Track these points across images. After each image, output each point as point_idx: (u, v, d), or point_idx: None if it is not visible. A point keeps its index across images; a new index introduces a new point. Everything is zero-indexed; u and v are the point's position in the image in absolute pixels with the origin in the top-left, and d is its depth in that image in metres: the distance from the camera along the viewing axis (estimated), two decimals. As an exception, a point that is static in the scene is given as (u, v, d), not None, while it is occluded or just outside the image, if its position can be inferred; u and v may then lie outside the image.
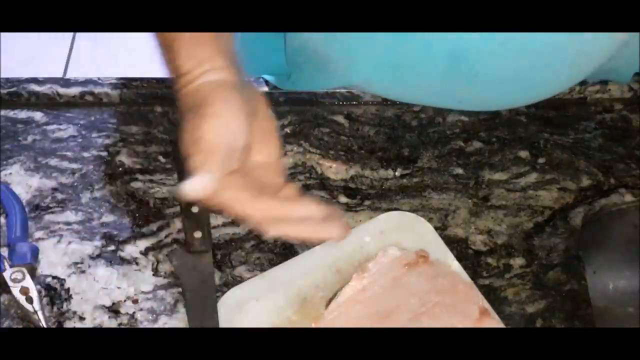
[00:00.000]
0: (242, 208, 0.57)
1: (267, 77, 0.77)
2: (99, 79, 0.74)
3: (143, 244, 0.66)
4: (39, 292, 0.63)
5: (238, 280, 0.64)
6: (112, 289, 0.64)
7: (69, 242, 0.66)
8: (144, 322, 0.62)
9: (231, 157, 0.57)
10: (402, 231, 0.66)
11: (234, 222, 0.67)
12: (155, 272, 0.65)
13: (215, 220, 0.67)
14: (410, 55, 0.69)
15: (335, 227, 0.56)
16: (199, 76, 0.60)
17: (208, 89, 0.59)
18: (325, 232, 0.56)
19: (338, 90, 0.75)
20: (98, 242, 0.66)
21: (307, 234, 0.56)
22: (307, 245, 0.66)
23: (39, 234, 0.66)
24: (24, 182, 0.69)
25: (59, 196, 0.69)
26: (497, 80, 0.69)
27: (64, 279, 0.64)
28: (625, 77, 0.77)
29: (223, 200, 0.56)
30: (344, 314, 0.61)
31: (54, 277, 0.64)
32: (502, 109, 0.76)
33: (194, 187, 0.54)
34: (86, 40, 1.95)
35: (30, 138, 0.72)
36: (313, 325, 0.61)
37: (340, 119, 0.74)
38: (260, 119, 0.60)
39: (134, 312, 0.63)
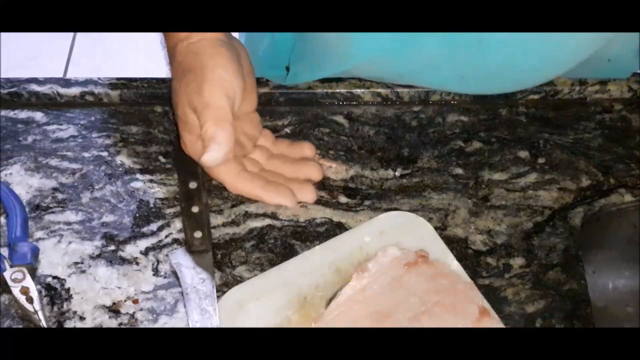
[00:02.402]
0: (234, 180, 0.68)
1: (268, 76, 0.77)
2: (99, 79, 0.74)
3: (143, 243, 0.66)
4: (39, 292, 0.63)
5: (238, 280, 0.64)
6: (112, 289, 0.64)
7: (69, 242, 0.66)
8: (144, 322, 0.63)
9: (233, 115, 0.65)
10: (402, 231, 0.66)
11: (234, 222, 0.68)
12: (156, 272, 0.65)
13: (215, 220, 0.68)
14: None
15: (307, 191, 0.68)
16: (189, 35, 0.66)
17: (200, 46, 0.66)
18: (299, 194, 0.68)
19: (338, 90, 0.75)
20: (98, 242, 0.66)
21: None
22: (307, 246, 0.66)
23: (39, 234, 0.66)
24: (25, 182, 0.69)
25: (59, 196, 0.69)
26: (501, 44, 0.68)
27: (64, 279, 0.64)
28: (624, 73, 0.77)
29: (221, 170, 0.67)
30: (344, 314, 0.61)
31: (54, 277, 0.64)
32: (505, 91, 0.75)
33: (213, 157, 0.64)
34: (86, 40, 1.96)
35: (30, 138, 0.72)
36: (313, 325, 0.61)
37: (340, 119, 0.74)
38: (246, 71, 0.68)
39: (134, 312, 0.63)
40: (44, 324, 0.61)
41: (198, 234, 0.65)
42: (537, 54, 0.70)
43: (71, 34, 1.96)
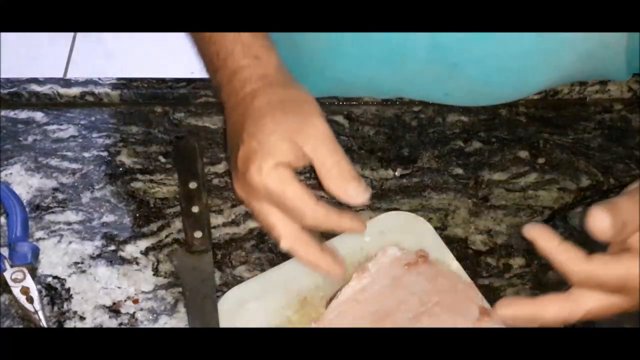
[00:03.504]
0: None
1: None
2: (99, 79, 0.74)
3: (143, 243, 0.66)
4: (40, 292, 0.63)
5: (238, 280, 0.64)
6: (112, 289, 0.64)
7: (70, 242, 0.66)
8: (144, 322, 0.63)
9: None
10: (402, 231, 0.66)
11: (234, 222, 0.68)
12: (156, 272, 0.65)
13: (215, 220, 0.68)
14: (391, 44, 0.69)
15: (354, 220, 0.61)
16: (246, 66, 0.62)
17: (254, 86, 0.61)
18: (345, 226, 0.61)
19: (338, 91, 0.75)
20: (98, 242, 0.66)
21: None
22: (307, 245, 0.66)
23: (39, 234, 0.66)
24: (25, 182, 0.69)
25: (60, 196, 0.69)
26: (477, 70, 0.70)
27: (65, 279, 0.64)
28: (623, 76, 0.77)
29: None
30: (344, 314, 0.61)
31: (55, 277, 0.64)
32: (489, 104, 0.75)
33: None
34: (86, 40, 1.95)
35: (30, 138, 0.72)
36: (313, 325, 0.61)
37: (340, 119, 0.74)
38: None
39: (134, 312, 0.63)
40: (44, 324, 0.61)
41: (198, 234, 0.65)
42: (514, 85, 0.72)
43: (71, 34, 1.96)
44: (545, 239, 0.53)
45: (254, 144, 0.59)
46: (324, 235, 0.67)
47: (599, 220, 0.50)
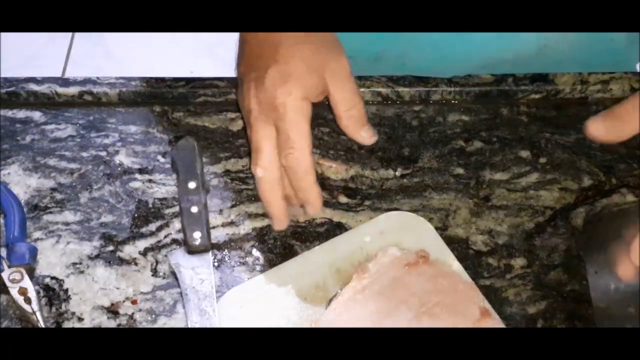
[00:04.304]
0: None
1: None
2: (97, 78, 0.74)
3: (142, 244, 0.66)
4: (38, 292, 0.63)
5: (238, 281, 0.64)
6: (110, 290, 0.64)
7: (68, 243, 0.66)
8: (143, 322, 0.62)
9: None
10: (402, 231, 0.66)
11: (233, 222, 0.67)
12: (154, 273, 0.65)
13: (215, 220, 0.67)
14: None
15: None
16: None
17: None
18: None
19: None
20: (97, 243, 0.66)
21: None
22: (306, 246, 0.66)
23: (37, 234, 0.66)
24: (23, 182, 0.69)
25: (58, 196, 0.68)
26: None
27: (63, 280, 0.64)
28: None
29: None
30: (344, 314, 0.61)
31: (53, 278, 0.64)
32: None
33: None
34: (85, 39, 1.95)
35: (28, 138, 0.71)
36: (313, 325, 0.60)
37: (340, 118, 0.74)
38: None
39: (132, 313, 0.63)
40: (42, 324, 0.61)
41: (197, 234, 0.65)
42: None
43: (70, 34, 1.96)
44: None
45: (289, 68, 0.63)
46: (326, 237, 0.67)
47: (594, 130, 0.57)
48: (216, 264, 0.65)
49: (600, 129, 0.57)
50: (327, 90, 0.65)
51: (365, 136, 0.67)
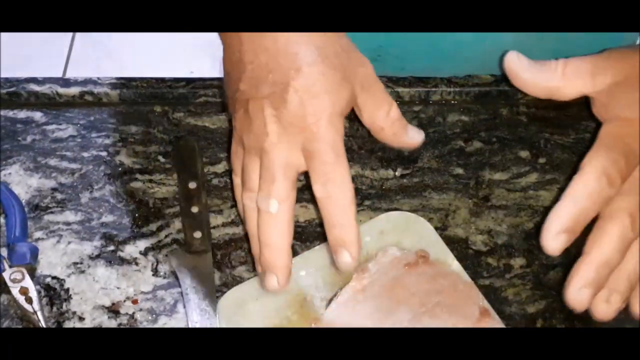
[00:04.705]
0: None
1: None
2: (98, 78, 0.74)
3: (142, 244, 0.66)
4: (39, 292, 0.63)
5: (238, 280, 0.64)
6: (111, 289, 0.64)
7: (69, 242, 0.66)
8: (144, 322, 0.62)
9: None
10: (402, 231, 0.66)
11: (233, 222, 0.67)
12: (155, 273, 0.65)
13: (215, 220, 0.67)
14: None
15: None
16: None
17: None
18: None
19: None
20: (97, 242, 0.66)
21: None
22: (307, 246, 0.66)
23: (38, 234, 0.66)
24: (24, 182, 0.69)
25: (59, 196, 0.68)
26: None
27: (64, 279, 0.64)
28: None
29: None
30: (344, 314, 0.61)
31: (54, 277, 0.64)
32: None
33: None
34: (86, 40, 1.95)
35: (29, 138, 0.72)
36: (313, 326, 0.60)
37: (340, 118, 0.74)
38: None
39: (133, 313, 0.63)
40: (43, 324, 0.61)
41: (198, 234, 0.65)
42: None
43: (70, 34, 1.96)
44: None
45: (317, 79, 0.53)
46: (325, 237, 0.67)
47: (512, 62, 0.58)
48: (216, 264, 0.65)
49: (523, 66, 0.56)
50: (355, 99, 0.56)
51: (414, 135, 0.59)
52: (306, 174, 0.65)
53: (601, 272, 0.52)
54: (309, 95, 0.53)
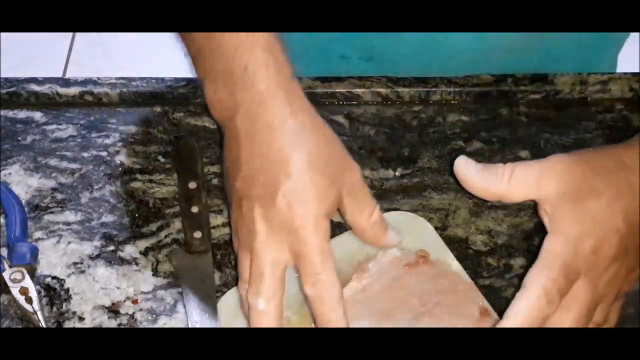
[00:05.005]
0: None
1: None
2: (98, 78, 0.74)
3: (143, 244, 0.66)
4: (39, 292, 0.63)
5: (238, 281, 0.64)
6: (111, 289, 0.64)
7: (69, 242, 0.66)
8: (144, 322, 0.62)
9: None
10: (402, 231, 0.66)
11: (233, 222, 0.67)
12: (155, 273, 0.65)
13: (215, 220, 0.67)
14: (328, 54, 0.69)
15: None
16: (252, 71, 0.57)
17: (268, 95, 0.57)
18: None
19: (338, 90, 0.75)
20: (97, 242, 0.66)
21: None
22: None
23: (38, 234, 0.66)
24: (24, 182, 0.69)
25: (59, 196, 0.68)
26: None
27: (64, 279, 0.64)
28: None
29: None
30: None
31: (54, 278, 0.64)
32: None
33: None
34: (85, 40, 1.95)
35: (29, 138, 0.72)
36: (313, 326, 0.60)
37: (340, 119, 0.74)
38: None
39: (133, 313, 0.63)
40: (43, 324, 0.61)
41: (198, 234, 0.65)
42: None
43: (70, 34, 1.96)
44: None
45: (307, 183, 0.56)
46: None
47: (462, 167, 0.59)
48: (216, 264, 0.65)
49: (472, 171, 0.58)
50: (341, 202, 0.59)
51: (393, 236, 0.62)
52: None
53: None
54: (296, 199, 0.56)
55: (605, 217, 0.55)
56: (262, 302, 0.56)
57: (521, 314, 0.54)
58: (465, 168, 0.58)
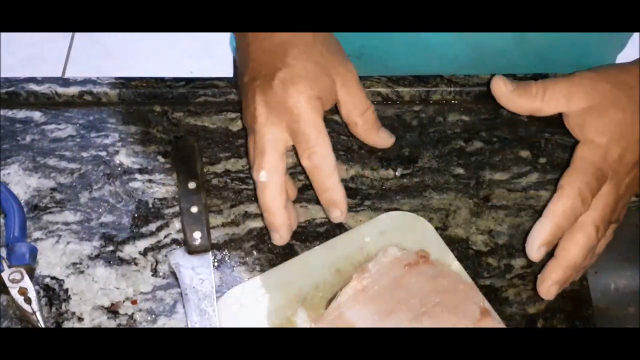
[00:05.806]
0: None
1: None
2: (97, 78, 0.74)
3: (142, 244, 0.66)
4: (38, 292, 0.63)
5: (238, 281, 0.64)
6: (110, 290, 0.64)
7: (68, 243, 0.66)
8: (143, 322, 0.62)
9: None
10: (403, 231, 0.66)
11: (233, 222, 0.67)
12: (154, 273, 0.65)
13: (215, 220, 0.67)
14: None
15: None
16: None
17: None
18: None
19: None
20: (97, 243, 0.66)
21: None
22: (306, 246, 0.66)
23: (37, 234, 0.66)
24: (23, 182, 0.69)
25: (58, 196, 0.68)
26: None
27: (63, 280, 0.64)
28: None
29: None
30: (344, 314, 0.61)
31: (53, 278, 0.64)
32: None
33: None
34: (85, 39, 1.95)
35: (28, 138, 0.71)
36: (313, 326, 0.60)
37: (340, 118, 0.74)
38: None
39: (132, 313, 0.63)
40: (42, 324, 0.61)
41: (197, 234, 0.65)
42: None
43: (70, 34, 1.96)
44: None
45: (299, 70, 0.63)
46: (326, 237, 0.67)
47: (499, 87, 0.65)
48: (216, 264, 0.65)
49: (507, 89, 0.65)
50: (335, 95, 0.65)
51: (384, 136, 0.68)
52: (305, 174, 0.65)
53: (567, 273, 0.61)
54: (290, 83, 0.62)
55: (629, 128, 0.62)
56: (264, 174, 0.62)
57: (559, 211, 0.60)
58: (503, 86, 0.65)
